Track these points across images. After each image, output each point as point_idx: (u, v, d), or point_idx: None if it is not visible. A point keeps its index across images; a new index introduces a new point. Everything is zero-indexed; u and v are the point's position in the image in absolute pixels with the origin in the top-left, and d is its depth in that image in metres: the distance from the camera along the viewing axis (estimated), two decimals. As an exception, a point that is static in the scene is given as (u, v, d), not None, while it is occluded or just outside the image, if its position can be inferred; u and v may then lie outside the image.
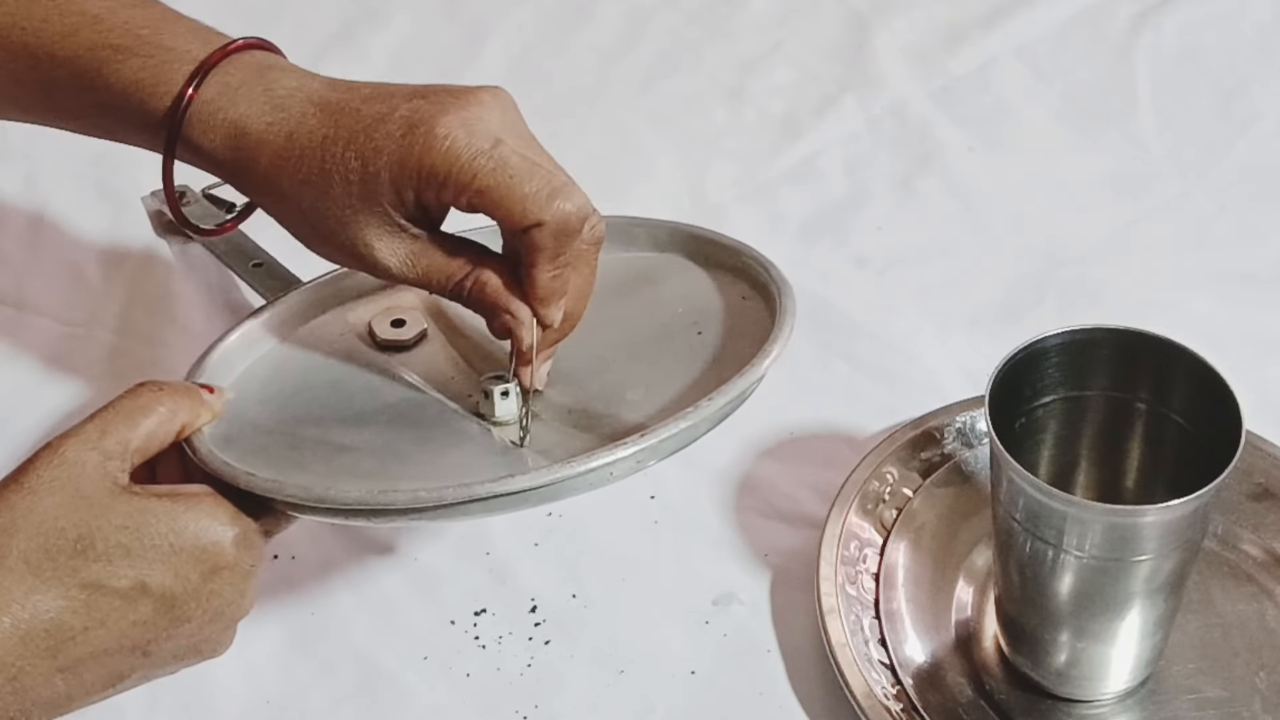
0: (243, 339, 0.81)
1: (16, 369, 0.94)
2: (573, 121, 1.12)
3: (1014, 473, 0.72)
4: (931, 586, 0.83)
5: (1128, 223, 1.04)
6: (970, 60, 1.15)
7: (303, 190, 0.74)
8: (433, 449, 0.76)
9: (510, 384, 0.76)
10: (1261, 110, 1.11)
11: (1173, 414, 0.76)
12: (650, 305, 0.83)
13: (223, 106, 0.76)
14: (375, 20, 1.18)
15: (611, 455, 0.69)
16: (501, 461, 0.75)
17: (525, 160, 0.73)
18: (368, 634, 0.83)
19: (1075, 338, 0.76)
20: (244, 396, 0.78)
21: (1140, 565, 0.72)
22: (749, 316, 0.80)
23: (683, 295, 0.83)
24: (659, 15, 1.19)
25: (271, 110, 0.75)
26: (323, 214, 0.74)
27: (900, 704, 0.78)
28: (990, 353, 0.76)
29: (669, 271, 0.85)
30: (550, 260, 0.74)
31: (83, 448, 0.67)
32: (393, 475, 0.73)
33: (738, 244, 0.84)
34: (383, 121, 0.73)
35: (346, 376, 0.80)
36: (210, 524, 0.68)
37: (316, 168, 0.74)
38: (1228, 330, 0.95)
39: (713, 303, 0.82)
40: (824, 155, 1.08)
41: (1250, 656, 0.80)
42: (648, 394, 0.77)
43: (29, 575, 0.65)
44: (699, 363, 0.78)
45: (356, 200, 0.73)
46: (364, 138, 0.73)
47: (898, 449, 0.88)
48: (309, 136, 0.74)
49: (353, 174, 0.73)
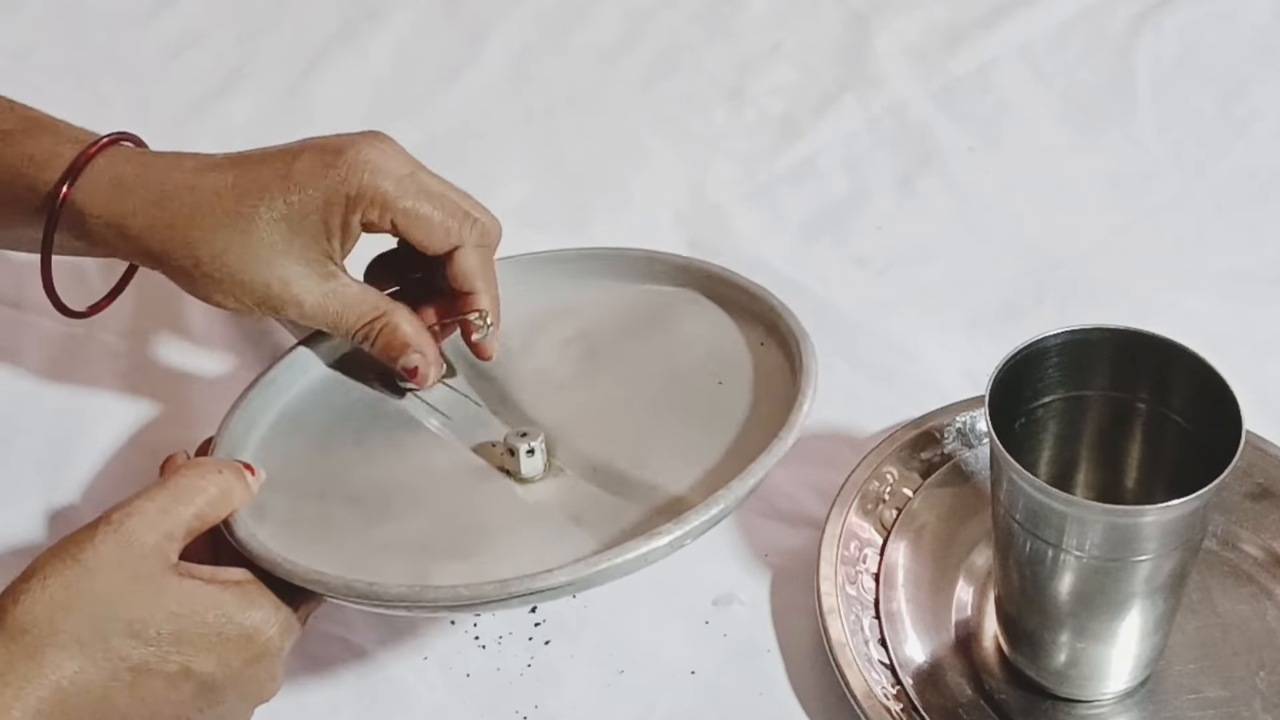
0: (264, 391, 0.81)
1: (16, 369, 0.94)
2: (573, 121, 1.12)
3: (1014, 473, 0.72)
4: (931, 586, 0.83)
5: (1128, 222, 1.04)
6: (970, 60, 1.15)
7: (215, 235, 0.77)
8: (464, 518, 0.76)
9: (537, 441, 0.78)
10: (1261, 110, 1.11)
11: (1173, 414, 0.76)
12: (669, 348, 0.84)
13: (113, 167, 0.78)
14: (375, 20, 1.18)
15: (648, 545, 0.70)
16: (537, 532, 0.75)
17: (441, 184, 0.80)
18: (368, 634, 0.83)
19: (1075, 338, 0.76)
20: (270, 451, 0.79)
21: (1140, 565, 0.72)
22: (768, 364, 0.81)
23: (700, 337, 0.84)
24: (659, 15, 1.19)
25: (168, 166, 0.79)
26: (237, 256, 0.77)
27: (900, 704, 0.78)
28: (990, 353, 0.76)
29: (685, 309, 0.85)
30: (481, 275, 0.80)
31: (143, 528, 0.68)
32: (431, 553, 0.73)
33: (754, 286, 0.84)
34: (297, 159, 0.77)
35: (370, 426, 0.81)
36: (255, 614, 0.70)
37: (231, 211, 0.77)
38: (1228, 330, 0.95)
39: (731, 347, 0.83)
40: (824, 155, 1.08)
41: (1250, 656, 0.80)
42: (674, 455, 0.77)
43: (79, 654, 0.66)
44: (723, 420, 0.79)
45: (279, 237, 0.77)
46: (282, 178, 0.77)
47: (898, 449, 0.88)
48: (219, 182, 0.78)
49: (275, 211, 0.77)
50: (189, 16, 1.18)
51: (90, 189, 0.78)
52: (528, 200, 1.06)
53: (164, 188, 0.78)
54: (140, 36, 1.17)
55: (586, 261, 0.88)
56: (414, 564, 0.72)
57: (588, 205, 1.06)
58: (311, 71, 1.14)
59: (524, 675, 0.81)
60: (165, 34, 1.17)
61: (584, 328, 0.85)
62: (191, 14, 1.19)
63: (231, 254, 0.77)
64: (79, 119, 1.10)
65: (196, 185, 0.78)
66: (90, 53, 1.16)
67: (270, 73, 1.14)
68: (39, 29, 1.18)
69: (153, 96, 1.13)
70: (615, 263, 0.87)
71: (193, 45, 1.17)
